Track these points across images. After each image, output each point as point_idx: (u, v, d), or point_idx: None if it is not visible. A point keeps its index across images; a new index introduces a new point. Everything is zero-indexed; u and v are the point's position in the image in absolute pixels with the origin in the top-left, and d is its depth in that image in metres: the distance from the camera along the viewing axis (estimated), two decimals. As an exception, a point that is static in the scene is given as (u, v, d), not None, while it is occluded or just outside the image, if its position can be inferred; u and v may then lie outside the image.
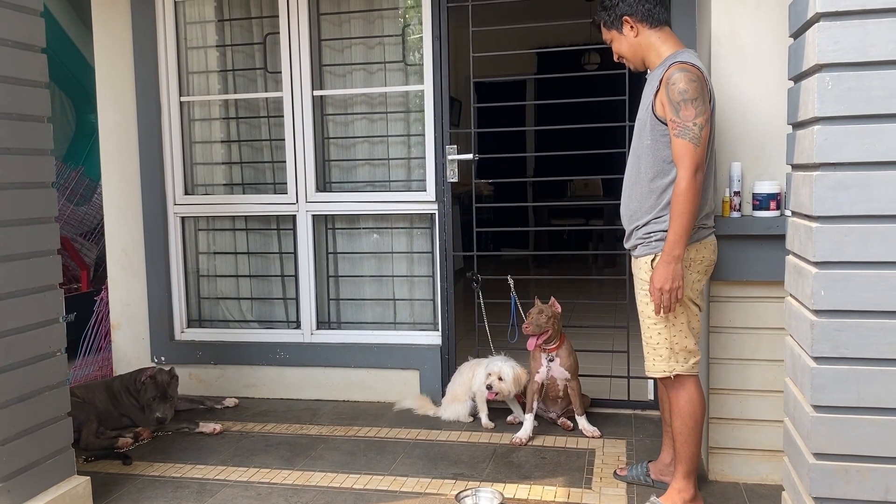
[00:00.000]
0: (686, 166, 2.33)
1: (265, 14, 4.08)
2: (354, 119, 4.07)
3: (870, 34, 1.68)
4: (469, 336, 4.03)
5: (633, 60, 2.59)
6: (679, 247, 2.36)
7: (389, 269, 4.10)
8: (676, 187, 2.35)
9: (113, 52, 4.07)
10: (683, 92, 2.32)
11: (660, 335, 2.49)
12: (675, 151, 2.36)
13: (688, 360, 2.50)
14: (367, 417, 3.70)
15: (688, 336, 2.49)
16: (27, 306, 2.48)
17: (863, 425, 1.77)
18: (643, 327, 2.55)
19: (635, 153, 2.54)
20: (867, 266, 1.73)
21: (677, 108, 2.33)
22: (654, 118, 2.42)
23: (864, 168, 1.71)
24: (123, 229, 4.16)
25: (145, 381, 3.50)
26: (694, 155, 2.32)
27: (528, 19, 5.20)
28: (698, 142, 2.32)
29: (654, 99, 2.41)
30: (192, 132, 4.21)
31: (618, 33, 2.56)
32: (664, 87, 2.36)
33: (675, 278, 2.37)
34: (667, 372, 2.50)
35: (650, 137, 2.44)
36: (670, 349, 2.49)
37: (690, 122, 2.32)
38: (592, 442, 3.32)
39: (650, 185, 2.47)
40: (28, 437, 2.47)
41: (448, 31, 3.73)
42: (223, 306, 4.30)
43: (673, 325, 2.48)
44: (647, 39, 2.51)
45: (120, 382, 3.59)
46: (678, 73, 2.34)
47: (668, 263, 2.37)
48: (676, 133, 2.34)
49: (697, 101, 2.32)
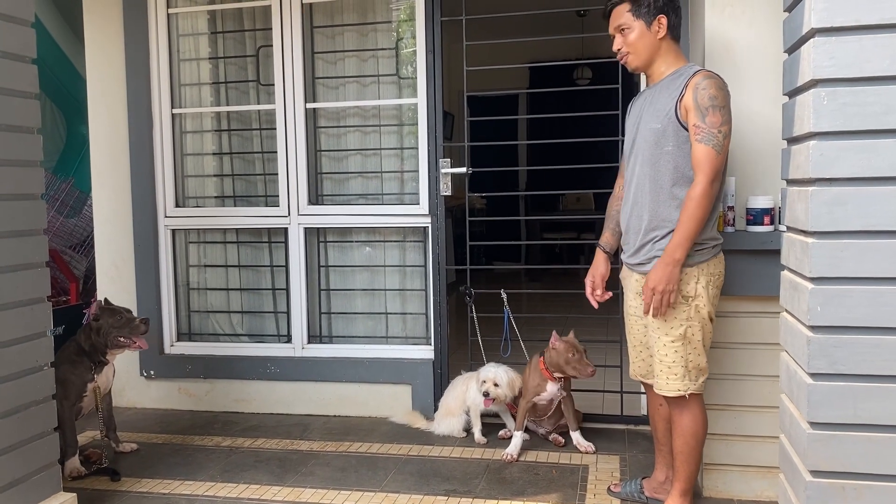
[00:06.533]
0: (706, 172, 2.30)
1: (258, 27, 4.07)
2: (347, 132, 4.06)
3: (865, 49, 1.68)
4: (462, 350, 4.00)
5: (641, 58, 2.48)
6: (682, 251, 2.33)
7: (382, 282, 4.07)
8: (692, 191, 2.32)
9: (105, 63, 4.05)
10: (713, 98, 2.30)
11: (676, 353, 2.43)
12: (695, 156, 2.33)
13: (698, 379, 2.46)
14: (359, 433, 3.66)
15: (701, 353, 2.45)
16: (14, 319, 2.44)
17: (860, 442, 1.75)
18: (658, 345, 2.47)
19: (649, 162, 2.45)
20: (864, 282, 1.73)
21: (704, 113, 2.30)
22: (678, 124, 2.37)
23: (860, 184, 1.71)
24: (113, 242, 4.12)
25: (99, 317, 3.24)
26: (715, 162, 2.30)
27: (521, 34, 5.23)
28: (720, 149, 2.30)
29: (678, 104, 2.36)
30: (183, 144, 4.19)
31: (644, 25, 2.45)
32: (691, 91, 2.33)
33: (671, 281, 2.34)
34: (681, 391, 2.44)
35: (672, 143, 2.38)
36: (685, 367, 2.43)
37: (716, 128, 2.30)
38: (585, 457, 3.29)
39: (672, 193, 2.41)
40: (13, 453, 2.42)
41: (442, 44, 3.73)
42: (213, 320, 4.26)
43: (689, 343, 2.42)
44: (666, 45, 2.47)
45: (76, 346, 3.25)
46: (707, 79, 2.33)
47: (668, 265, 2.34)
48: (699, 138, 2.31)
49: (725, 110, 2.31)
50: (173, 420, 3.93)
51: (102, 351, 3.23)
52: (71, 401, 3.16)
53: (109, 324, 3.21)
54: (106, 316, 3.23)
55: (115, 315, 3.24)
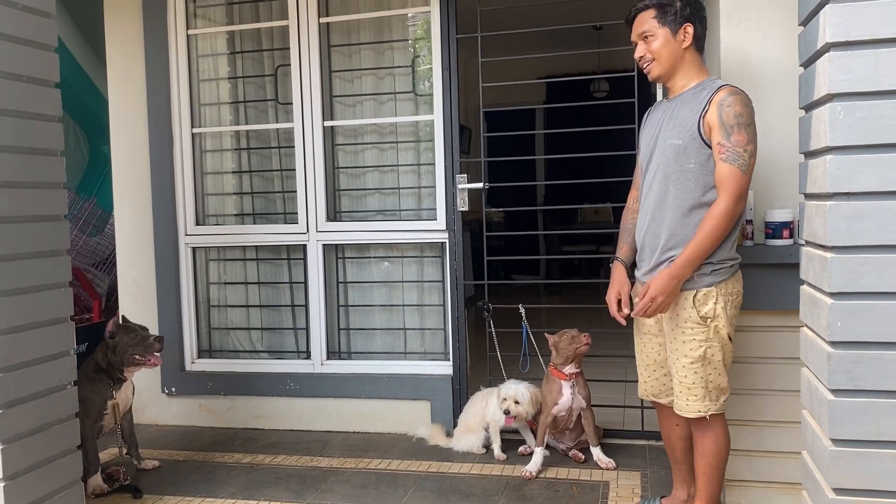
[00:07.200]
0: (730, 191, 2.26)
1: (276, 46, 4.12)
2: (364, 149, 4.09)
3: (881, 63, 1.67)
4: (481, 365, 4.00)
5: (664, 67, 2.42)
6: (690, 267, 2.31)
7: (400, 298, 4.08)
8: (714, 209, 2.28)
9: (126, 84, 4.12)
10: (739, 115, 2.25)
11: (696, 374, 2.39)
12: (719, 176, 2.28)
13: (719, 398, 2.43)
14: (378, 449, 3.66)
15: (722, 374, 2.42)
16: (38, 339, 2.47)
17: (884, 460, 1.72)
18: (677, 366, 2.44)
19: (669, 178, 2.39)
20: (884, 297, 1.70)
21: (730, 131, 2.25)
22: (701, 141, 2.31)
23: (878, 198, 1.69)
24: (135, 260, 4.18)
25: (115, 335, 3.27)
26: (740, 182, 2.26)
27: (537, 48, 5.25)
28: (746, 169, 2.26)
29: (701, 120, 2.31)
30: (203, 163, 4.24)
31: (669, 33, 2.38)
32: (715, 108, 2.27)
33: (671, 294, 2.33)
34: (701, 412, 2.41)
35: (694, 161, 2.33)
36: (705, 388, 2.40)
37: (741, 147, 2.25)
38: (606, 474, 3.26)
39: (692, 213, 2.36)
40: (38, 471, 2.44)
41: (457, 61, 3.75)
42: (234, 336, 4.29)
43: (709, 364, 2.39)
44: (690, 55, 2.41)
45: (94, 365, 3.30)
46: (732, 95, 2.27)
47: (673, 279, 2.32)
48: (724, 157, 2.26)
49: (750, 128, 2.27)
50: (195, 437, 3.95)
51: (119, 368, 3.26)
52: (92, 419, 3.19)
53: (125, 342, 3.25)
54: (121, 334, 3.27)
55: (130, 333, 3.28)
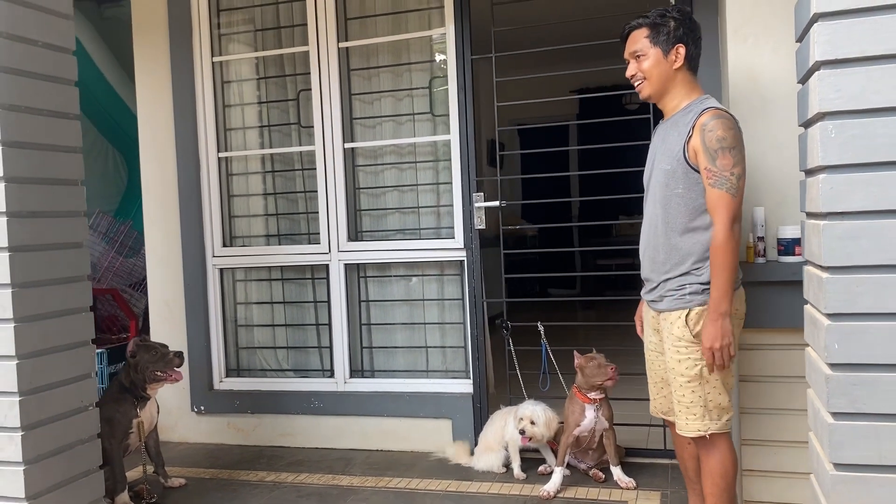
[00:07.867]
0: (723, 218, 2.25)
1: (298, 72, 4.21)
2: (384, 169, 4.14)
3: (872, 81, 1.64)
4: (503, 384, 3.99)
5: (655, 87, 2.43)
6: (725, 302, 2.28)
7: (421, 316, 4.11)
8: (714, 241, 2.28)
9: (155, 110, 4.25)
10: (721, 139, 2.24)
11: (693, 393, 2.39)
12: (710, 202, 2.28)
13: (721, 418, 2.40)
14: (399, 468, 3.68)
15: (722, 392, 2.39)
16: (61, 362, 2.56)
17: (886, 485, 1.68)
18: (675, 385, 2.44)
19: (661, 202, 2.41)
20: (882, 318, 1.66)
21: (714, 156, 2.25)
22: (687, 166, 2.32)
23: (873, 217, 1.66)
24: (165, 281, 4.29)
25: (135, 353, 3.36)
26: (731, 206, 2.25)
27: (562, 61, 5.25)
28: (735, 192, 2.25)
29: (686, 146, 2.32)
30: (229, 186, 4.34)
31: (660, 53, 2.40)
32: (698, 133, 2.28)
33: (724, 335, 2.28)
34: (701, 431, 2.39)
35: (682, 185, 2.34)
36: (704, 407, 2.38)
37: (728, 171, 2.24)
38: (625, 494, 3.23)
39: (683, 236, 2.37)
40: (60, 491, 2.52)
41: (472, 82, 3.78)
42: (260, 355, 4.37)
43: (707, 382, 2.37)
44: (681, 75, 2.41)
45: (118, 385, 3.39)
46: (714, 119, 2.27)
47: (716, 320, 2.28)
48: (712, 183, 2.26)
49: (735, 151, 2.25)
50: (222, 455, 4.03)
51: (142, 386, 3.36)
52: (118, 438, 3.28)
53: (146, 359, 3.35)
54: (142, 352, 3.37)
55: (150, 351, 3.38)
